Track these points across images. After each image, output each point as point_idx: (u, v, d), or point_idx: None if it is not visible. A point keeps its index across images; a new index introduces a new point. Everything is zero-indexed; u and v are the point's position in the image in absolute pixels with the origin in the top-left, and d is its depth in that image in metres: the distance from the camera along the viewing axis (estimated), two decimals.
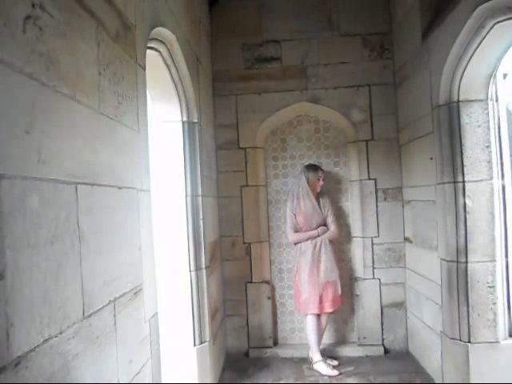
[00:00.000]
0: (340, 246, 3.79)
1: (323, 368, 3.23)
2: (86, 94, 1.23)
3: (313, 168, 3.49)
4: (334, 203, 3.76)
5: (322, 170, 3.51)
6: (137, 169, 1.67)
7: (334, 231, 3.45)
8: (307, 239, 3.40)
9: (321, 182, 3.46)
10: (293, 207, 3.46)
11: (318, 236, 3.39)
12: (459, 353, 2.56)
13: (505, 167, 2.59)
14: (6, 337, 0.81)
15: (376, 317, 3.60)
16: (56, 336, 0.99)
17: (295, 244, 3.48)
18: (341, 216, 3.80)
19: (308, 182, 3.45)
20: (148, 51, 1.98)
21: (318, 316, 3.36)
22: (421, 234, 3.18)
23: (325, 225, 3.45)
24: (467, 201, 2.53)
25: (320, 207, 3.46)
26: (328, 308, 3.32)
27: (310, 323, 3.35)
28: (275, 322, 3.81)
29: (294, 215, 3.46)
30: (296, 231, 3.46)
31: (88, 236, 1.19)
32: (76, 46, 1.19)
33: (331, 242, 3.43)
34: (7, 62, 0.86)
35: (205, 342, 2.81)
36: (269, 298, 3.71)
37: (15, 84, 0.90)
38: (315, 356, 3.31)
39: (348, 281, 3.78)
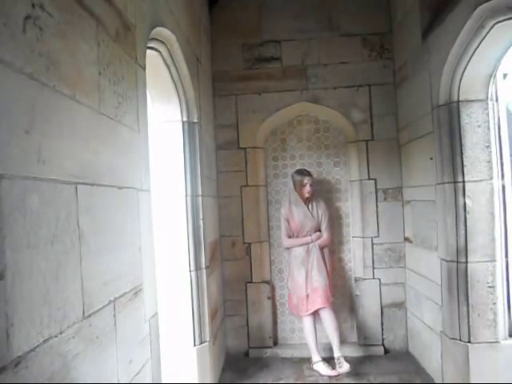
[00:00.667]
0: (340, 246, 3.80)
1: (322, 368, 3.23)
2: (85, 94, 1.23)
3: (299, 173, 3.47)
4: (332, 206, 3.76)
5: (309, 175, 3.45)
6: (137, 169, 1.67)
7: (325, 239, 3.45)
8: (301, 245, 3.41)
9: (307, 188, 3.41)
10: (286, 213, 3.48)
11: (312, 242, 3.40)
12: (459, 353, 2.56)
13: (505, 167, 2.59)
14: (5, 337, 0.81)
15: (376, 317, 3.60)
16: (56, 336, 0.99)
17: (288, 249, 3.51)
18: (341, 216, 3.80)
19: (295, 187, 3.46)
20: (148, 51, 1.98)
21: (314, 317, 3.35)
22: (421, 234, 3.18)
23: (320, 230, 3.46)
24: (467, 201, 2.53)
25: (311, 213, 3.46)
26: (319, 305, 3.28)
27: (306, 325, 3.37)
28: (275, 322, 3.82)
29: (287, 221, 3.47)
30: (289, 236, 3.47)
31: (88, 236, 1.19)
32: (76, 46, 1.19)
33: (323, 248, 3.43)
34: (7, 62, 0.86)
35: (205, 342, 2.81)
36: (269, 298, 3.71)
37: (15, 84, 0.90)
38: (314, 356, 3.31)
39: (348, 281, 3.78)
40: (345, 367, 3.16)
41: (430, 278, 2.97)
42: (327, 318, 3.32)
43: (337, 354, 3.25)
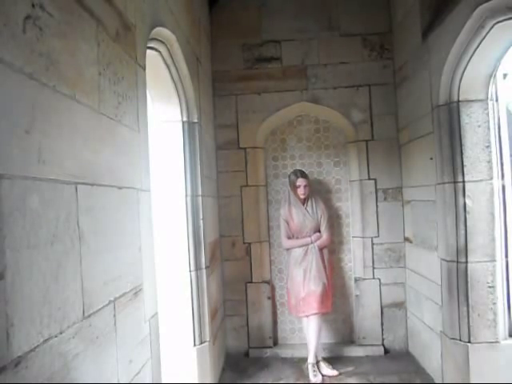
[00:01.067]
0: (340, 246, 3.79)
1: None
2: (85, 94, 1.23)
3: (293, 175, 3.46)
4: (332, 206, 3.76)
5: (303, 176, 3.41)
6: (137, 169, 1.67)
7: (324, 240, 3.43)
8: (301, 246, 3.40)
9: (301, 190, 3.39)
10: (285, 214, 3.47)
11: (312, 243, 3.39)
12: (459, 353, 2.56)
13: (505, 167, 2.59)
14: (6, 337, 0.81)
15: (376, 317, 3.60)
16: (56, 336, 0.99)
17: (287, 250, 3.50)
18: (341, 216, 3.80)
19: (291, 188, 3.46)
20: (148, 51, 1.98)
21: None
22: (421, 234, 3.18)
23: (319, 230, 3.44)
24: (467, 201, 2.53)
25: (310, 213, 3.44)
26: (313, 310, 3.26)
27: (305, 325, 3.38)
28: (275, 322, 3.81)
29: (287, 222, 3.46)
30: (289, 237, 3.47)
31: (88, 236, 1.19)
32: (76, 46, 1.19)
33: (322, 249, 3.42)
34: (7, 62, 0.86)
35: (205, 342, 2.81)
36: (269, 298, 3.71)
37: (15, 84, 0.90)
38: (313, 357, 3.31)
39: (348, 281, 3.78)
40: (311, 377, 3.16)
41: (430, 278, 2.97)
42: (313, 324, 3.28)
43: (310, 360, 3.25)
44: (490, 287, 2.51)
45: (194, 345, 2.74)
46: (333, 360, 3.42)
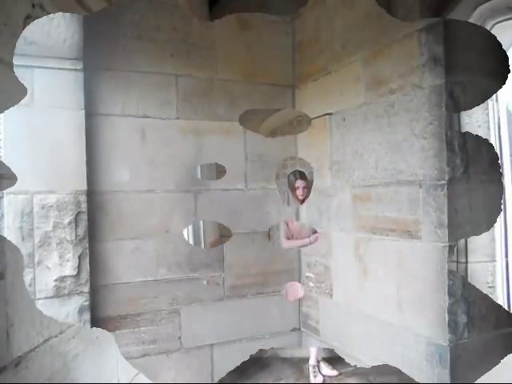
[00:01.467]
0: None
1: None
2: None
3: (293, 176, 3.44)
4: None
5: (302, 178, 3.38)
6: None
7: None
8: (299, 247, 3.39)
9: (300, 191, 3.35)
10: None
11: (310, 244, 3.38)
12: None
13: (505, 167, 2.59)
14: (6, 337, 0.81)
15: None
16: (56, 336, 0.99)
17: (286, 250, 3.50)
18: None
19: (290, 189, 3.44)
20: None
21: None
22: None
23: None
24: None
25: None
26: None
27: None
28: None
29: (286, 223, 3.46)
30: (288, 238, 3.45)
31: None
32: None
33: None
34: (7, 62, 0.86)
35: None
36: None
37: (15, 84, 0.89)
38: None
39: None
40: (311, 378, 3.17)
41: None
42: None
43: (311, 361, 3.25)
44: (489, 287, 2.50)
45: None
46: (333, 360, 3.41)
